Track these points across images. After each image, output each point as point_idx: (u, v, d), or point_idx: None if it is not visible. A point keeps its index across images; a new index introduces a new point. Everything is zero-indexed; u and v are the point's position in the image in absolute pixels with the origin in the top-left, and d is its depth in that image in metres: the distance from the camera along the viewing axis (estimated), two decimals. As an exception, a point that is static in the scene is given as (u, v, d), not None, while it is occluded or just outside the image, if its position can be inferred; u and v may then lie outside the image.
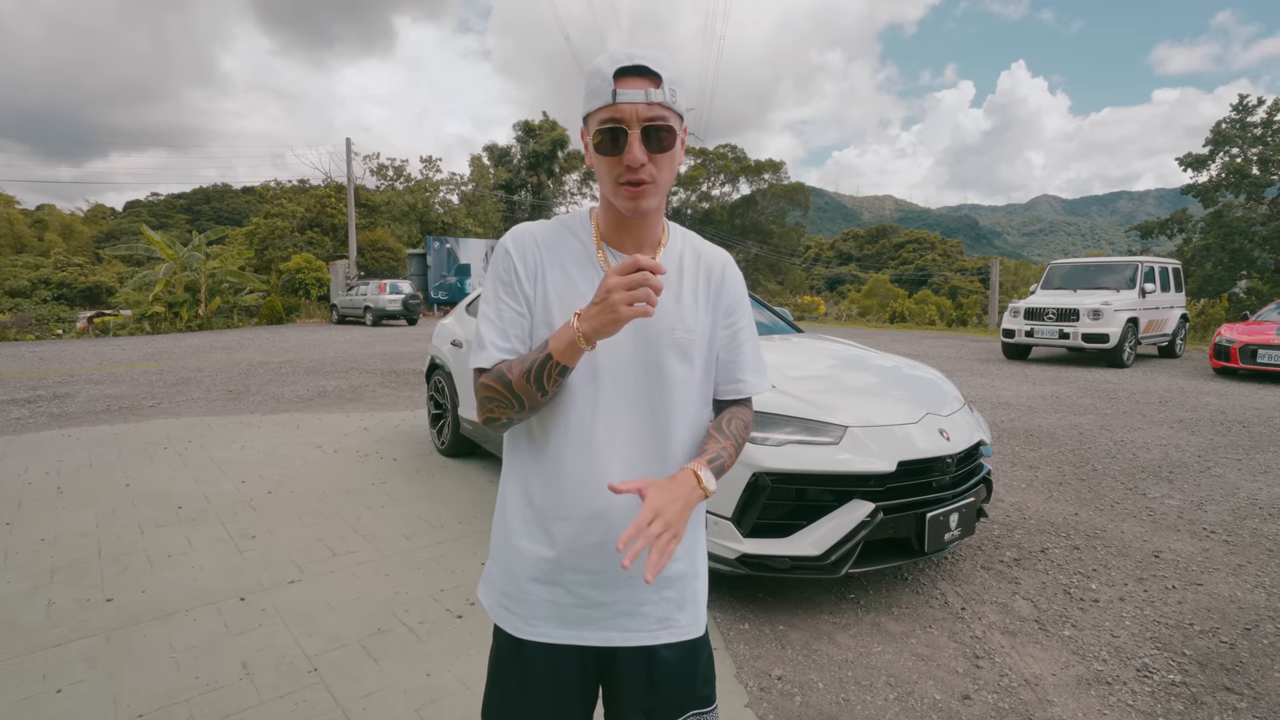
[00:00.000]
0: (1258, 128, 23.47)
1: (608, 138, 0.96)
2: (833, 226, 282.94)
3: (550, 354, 0.95)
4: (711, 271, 1.14)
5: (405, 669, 2.28)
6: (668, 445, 1.07)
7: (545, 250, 1.07)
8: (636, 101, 0.94)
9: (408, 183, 36.18)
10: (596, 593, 1.05)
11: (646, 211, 1.01)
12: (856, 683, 2.26)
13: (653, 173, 0.98)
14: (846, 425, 2.74)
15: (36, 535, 3.43)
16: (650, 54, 0.96)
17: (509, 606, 1.09)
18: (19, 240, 45.74)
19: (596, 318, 0.90)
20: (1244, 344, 9.43)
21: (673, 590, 1.10)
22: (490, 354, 1.04)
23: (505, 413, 1.02)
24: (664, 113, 0.96)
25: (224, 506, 3.89)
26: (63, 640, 2.43)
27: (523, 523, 1.08)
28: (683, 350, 1.07)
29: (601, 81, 0.96)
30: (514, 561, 1.08)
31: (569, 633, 1.06)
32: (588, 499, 1.04)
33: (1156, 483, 4.54)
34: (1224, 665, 2.38)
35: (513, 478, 1.11)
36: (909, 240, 72.03)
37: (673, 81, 0.97)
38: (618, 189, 0.99)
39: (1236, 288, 24.01)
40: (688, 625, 1.11)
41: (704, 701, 1.14)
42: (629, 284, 0.88)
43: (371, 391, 8.11)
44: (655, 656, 1.09)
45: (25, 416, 6.53)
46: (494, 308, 1.06)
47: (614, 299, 0.88)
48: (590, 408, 1.04)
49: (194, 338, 16.56)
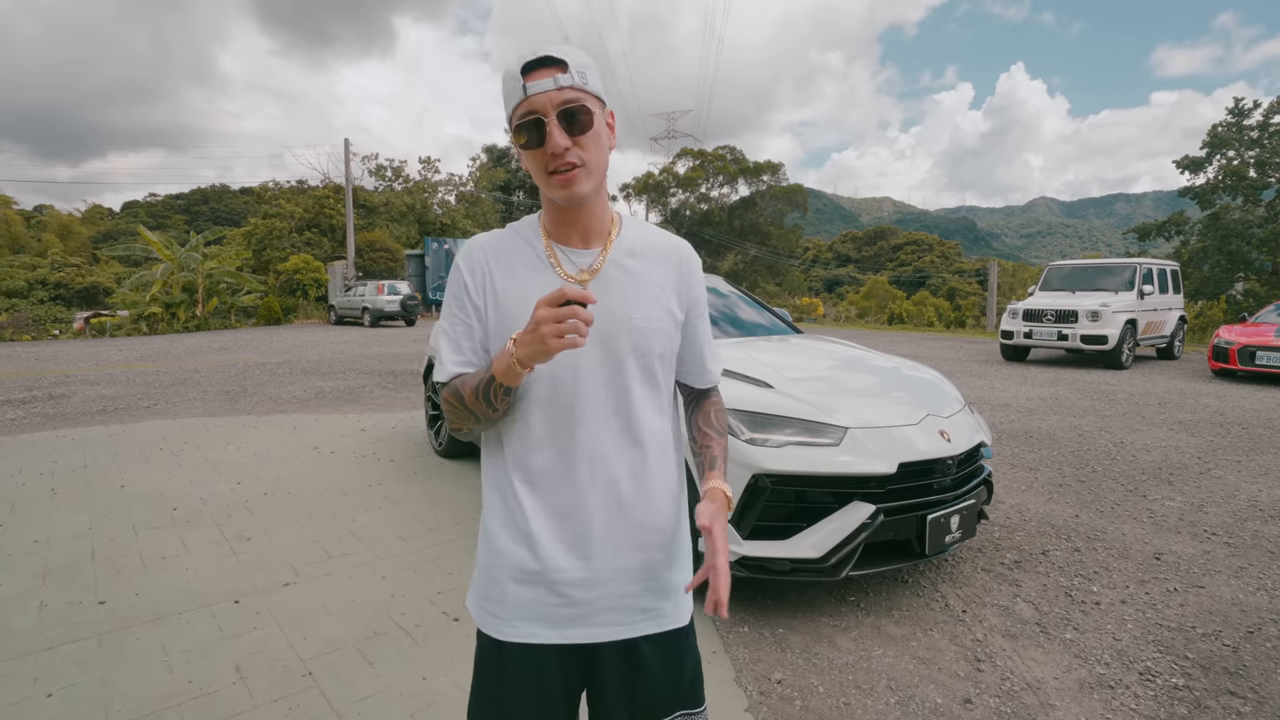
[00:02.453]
0: (1254, 130, 23.53)
1: (528, 131, 0.98)
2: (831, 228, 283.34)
3: (493, 375, 0.97)
4: (669, 259, 1.13)
5: (401, 673, 2.25)
6: (637, 437, 1.07)
7: (493, 259, 1.09)
8: (547, 90, 0.96)
9: (406, 184, 36.14)
10: (577, 590, 1.05)
11: (582, 197, 1.01)
12: (857, 686, 2.24)
13: (580, 155, 0.99)
14: (847, 426, 2.72)
15: (30, 537, 3.40)
16: (554, 46, 0.99)
17: (490, 610, 1.09)
18: (16, 241, 45.64)
19: (529, 345, 0.91)
20: (1242, 346, 9.44)
21: (655, 580, 1.09)
22: (446, 368, 1.07)
23: (465, 423, 1.05)
24: (577, 94, 0.98)
25: (219, 508, 3.86)
26: (54, 643, 2.40)
27: (500, 525, 1.08)
28: (641, 338, 1.07)
29: (513, 81, 0.98)
30: (494, 564, 1.08)
31: (553, 632, 1.06)
32: (559, 497, 1.04)
33: (1157, 485, 4.53)
34: (1227, 668, 2.36)
35: (489, 481, 1.12)
36: (907, 242, 72.15)
37: (581, 66, 0.99)
38: (549, 179, 1.00)
39: (1234, 290, 24.05)
40: (672, 614, 1.11)
41: (692, 701, 1.13)
42: (557, 316, 0.88)
43: (369, 392, 8.09)
44: (637, 653, 1.08)
45: (20, 417, 6.49)
46: (448, 322, 1.10)
47: (543, 330, 0.89)
48: (552, 407, 1.04)
49: (191, 338, 16.51)
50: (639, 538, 1.07)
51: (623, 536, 1.06)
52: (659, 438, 1.10)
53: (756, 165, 47.95)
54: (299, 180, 34.02)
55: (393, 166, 36.25)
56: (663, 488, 1.10)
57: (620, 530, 1.06)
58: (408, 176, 36.41)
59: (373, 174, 35.85)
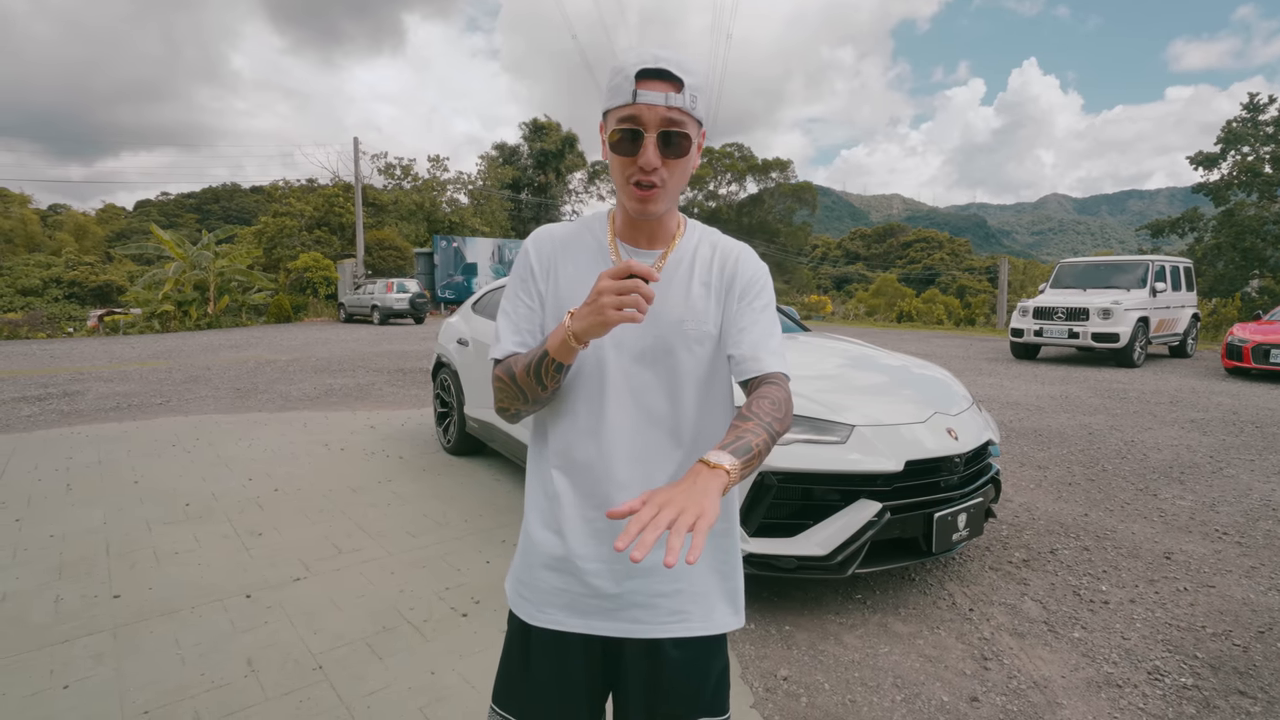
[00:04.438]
0: (1270, 126, 23.24)
1: (624, 137, 0.97)
2: (840, 225, 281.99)
3: (546, 351, 0.97)
4: (725, 263, 1.12)
5: (410, 667, 2.27)
6: (681, 439, 1.07)
7: (561, 247, 1.11)
8: (656, 104, 0.95)
9: (415, 182, 36.27)
10: (607, 583, 1.05)
11: (655, 215, 1.03)
12: (863, 684, 2.25)
13: (664, 176, 0.98)
14: (854, 424, 2.72)
15: (45, 532, 3.45)
16: (675, 58, 0.95)
17: (522, 593, 1.11)
18: (32, 240, 46.15)
19: (586, 318, 0.91)
20: (1257, 344, 9.33)
21: (688, 583, 1.07)
22: (504, 346, 1.08)
23: (514, 404, 1.05)
24: (682, 118, 0.96)
25: (231, 504, 3.91)
26: (70, 636, 2.44)
27: (538, 513, 1.11)
28: (693, 342, 1.07)
29: (623, 80, 0.96)
30: (530, 549, 1.11)
31: (580, 621, 1.06)
32: (597, 488, 1.05)
33: (1168, 483, 4.50)
34: (1237, 669, 2.34)
35: (533, 469, 1.14)
36: (917, 239, 71.73)
37: (694, 88, 0.96)
38: (627, 188, 1.01)
39: (1249, 287, 23.78)
40: (701, 621, 1.08)
41: (715, 709, 1.11)
42: (619, 289, 0.88)
43: (378, 390, 8.14)
44: (662, 654, 1.07)
45: (36, 414, 6.58)
46: (511, 303, 1.11)
47: (603, 301, 0.89)
48: (598, 400, 1.05)
49: (203, 336, 16.65)
50: None
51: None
52: (710, 440, 1.08)
53: (765, 162, 47.80)
54: (309, 179, 34.26)
55: (402, 165, 36.39)
56: None
57: None
58: (416, 175, 36.55)
59: (382, 173, 36.01)
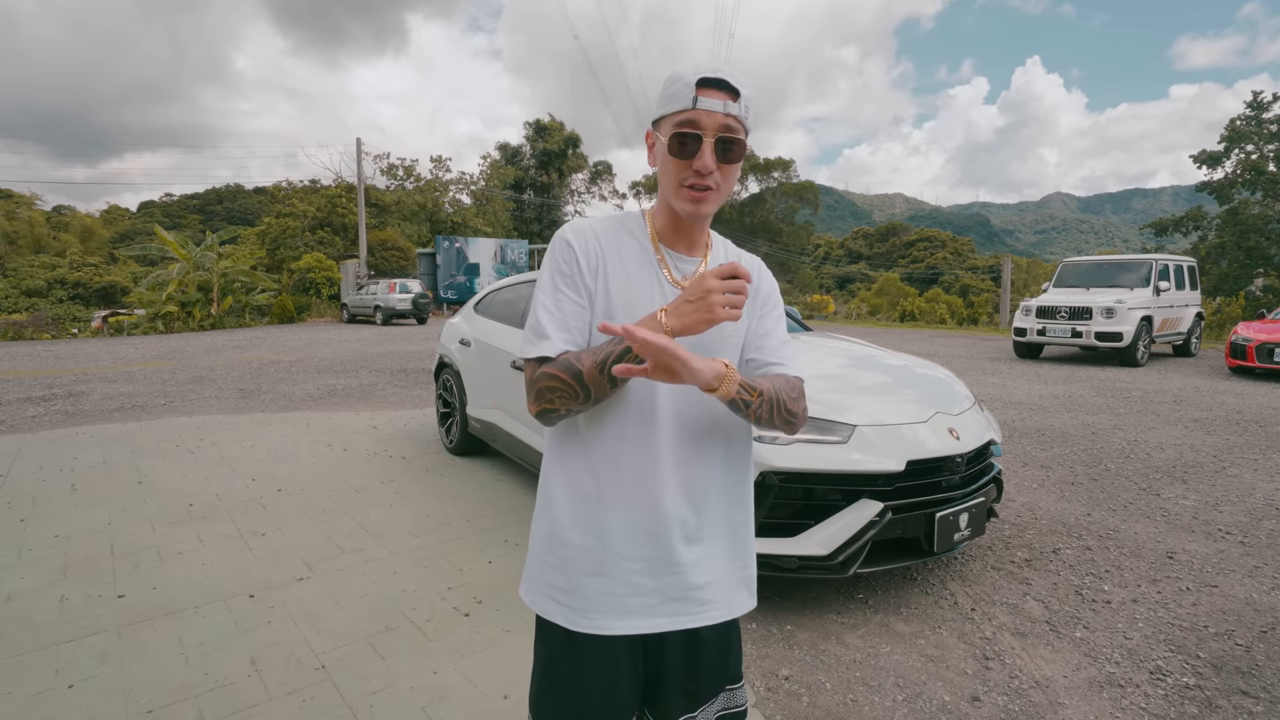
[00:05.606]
0: (1273, 124, 23.15)
1: (683, 141, 1.02)
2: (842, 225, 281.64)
3: (629, 347, 0.95)
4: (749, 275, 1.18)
5: (412, 667, 2.28)
6: (713, 439, 1.11)
7: (607, 246, 1.10)
8: (714, 110, 1.00)
9: (417, 182, 36.31)
10: (646, 580, 1.08)
11: (705, 216, 1.07)
12: (864, 683, 2.25)
13: (717, 180, 1.04)
14: (855, 424, 2.72)
15: (50, 532, 3.47)
16: (731, 70, 1.02)
17: (561, 600, 1.10)
18: (38, 241, 46.29)
19: (690, 315, 0.95)
20: (1261, 342, 9.30)
21: (716, 573, 1.13)
22: (555, 344, 1.04)
23: (567, 404, 1.02)
24: (738, 126, 1.03)
25: (234, 504, 3.92)
26: (75, 636, 2.45)
27: (572, 518, 1.09)
28: (729, 346, 1.13)
29: (683, 87, 1.01)
30: (565, 556, 1.10)
31: (623, 622, 1.08)
32: (644, 489, 1.07)
33: (1171, 483, 4.49)
34: (1239, 668, 2.34)
35: (560, 475, 1.12)
36: (919, 239, 71.57)
37: (749, 99, 1.04)
38: (680, 191, 1.05)
39: (1253, 286, 23.70)
40: (725, 607, 1.14)
41: (734, 678, 1.20)
42: (728, 288, 0.93)
43: (381, 390, 8.15)
44: (698, 638, 1.14)
45: (41, 414, 6.61)
46: (553, 299, 1.07)
47: (713, 299, 0.93)
48: (650, 404, 1.07)
49: (206, 337, 16.70)
50: (707, 534, 1.12)
51: (693, 533, 1.10)
52: (736, 440, 1.15)
53: (767, 162, 47.74)
54: (312, 180, 34.34)
55: (404, 165, 36.45)
56: (732, 489, 1.15)
57: (692, 527, 1.10)
58: (419, 175, 36.60)
59: (384, 173, 36.07)
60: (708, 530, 1.12)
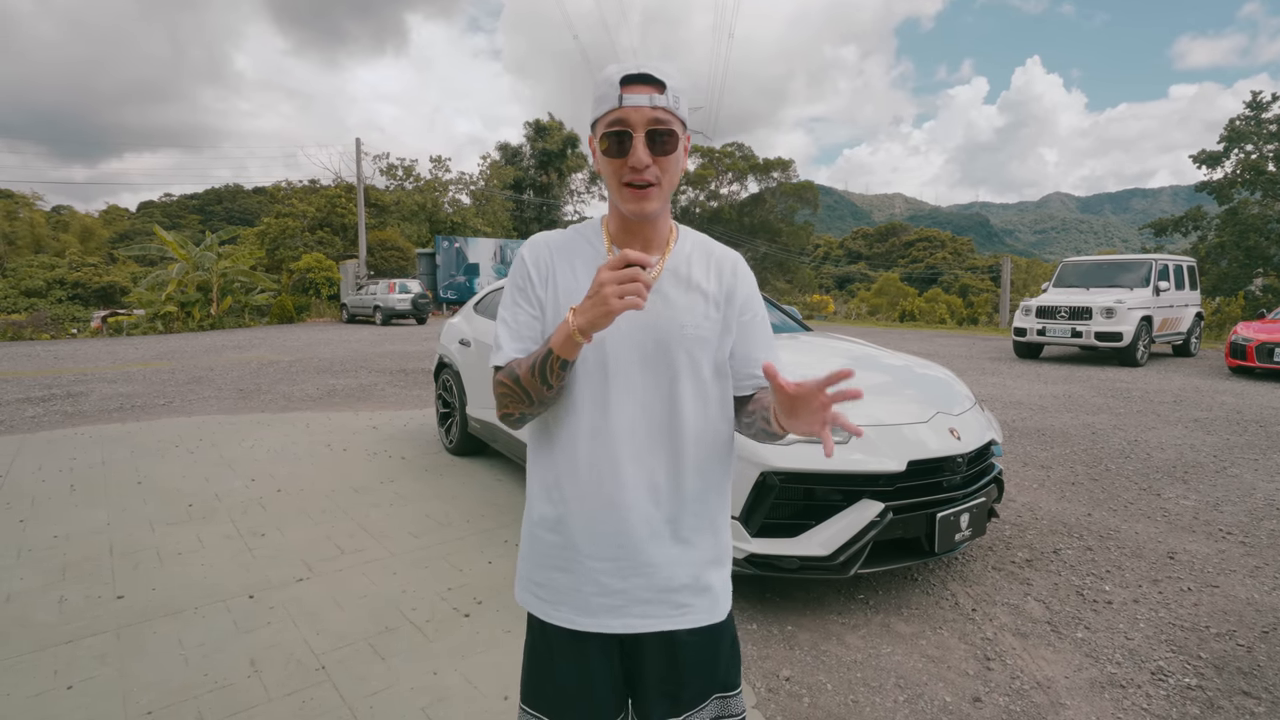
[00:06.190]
0: (1273, 124, 23.16)
1: (614, 140, 1.02)
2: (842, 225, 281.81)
3: (551, 349, 1.00)
4: (723, 270, 1.17)
5: (412, 667, 2.28)
6: (679, 440, 1.10)
7: (557, 255, 1.14)
8: (641, 105, 1.00)
9: (417, 182, 36.30)
10: (614, 580, 1.09)
11: (650, 213, 1.05)
12: (865, 684, 2.24)
13: (657, 174, 1.03)
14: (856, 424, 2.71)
15: (50, 532, 3.46)
16: (655, 64, 1.03)
17: (536, 593, 1.15)
18: (38, 241, 46.25)
19: (589, 310, 0.94)
20: (1260, 342, 9.30)
21: (691, 577, 1.12)
22: (505, 353, 1.11)
23: (518, 407, 1.07)
24: (667, 117, 1.02)
25: (234, 504, 3.91)
26: (74, 637, 2.44)
27: (541, 515, 1.14)
28: (693, 346, 1.11)
29: (609, 88, 1.02)
30: (539, 551, 1.14)
31: (591, 620, 1.10)
32: (602, 489, 1.08)
33: (1171, 483, 4.48)
34: (1241, 669, 2.34)
35: (534, 474, 1.17)
36: (919, 239, 71.61)
37: (676, 90, 1.03)
38: (622, 190, 1.04)
39: (1252, 285, 23.72)
40: (707, 610, 1.14)
41: (728, 686, 1.18)
42: (620, 278, 0.91)
43: (380, 390, 8.15)
44: (676, 640, 1.13)
45: (40, 415, 6.60)
46: (510, 311, 1.14)
47: (606, 292, 0.92)
48: (602, 403, 1.08)
49: (206, 337, 16.69)
50: (677, 536, 1.11)
51: (662, 533, 1.10)
52: (707, 442, 1.13)
53: (766, 162, 47.75)
54: (311, 180, 34.35)
55: (404, 165, 36.43)
56: (705, 490, 1.14)
57: (660, 527, 1.10)
58: (419, 175, 36.59)
59: (384, 173, 36.06)
60: (685, 532, 1.12)
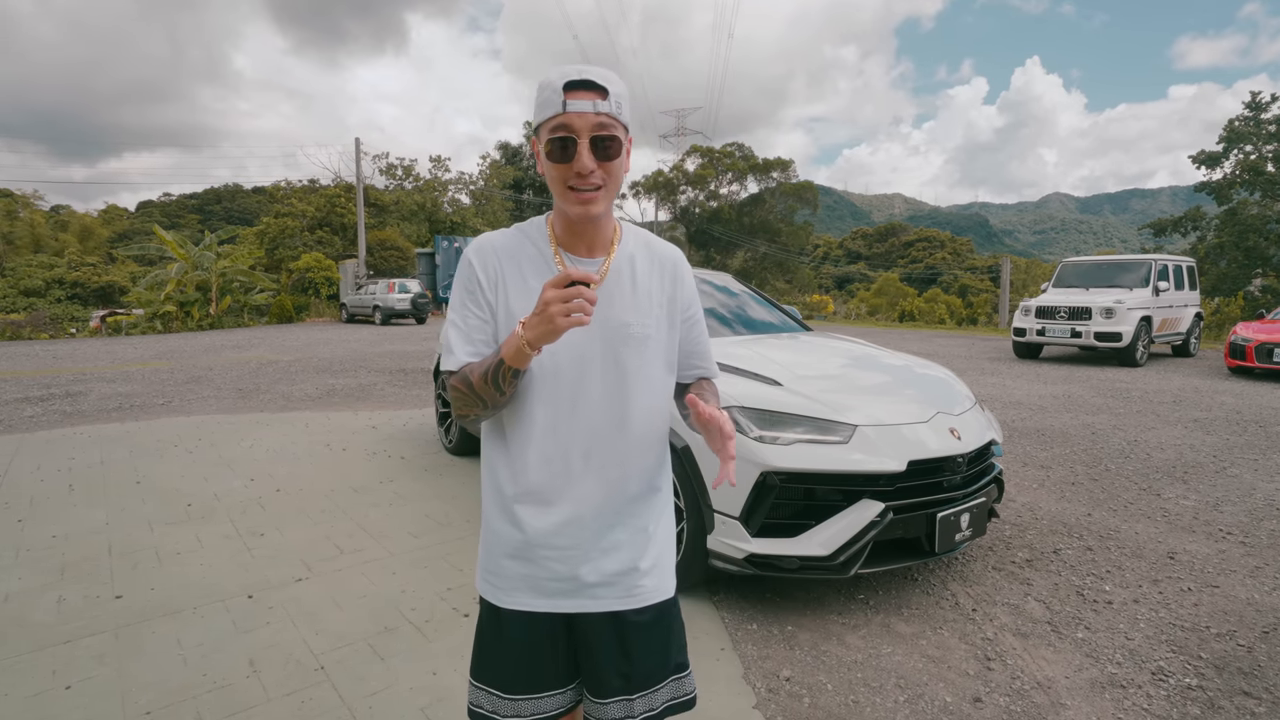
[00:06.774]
0: (1272, 124, 23.18)
1: (558, 146, 1.03)
2: (842, 225, 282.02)
3: (502, 359, 1.02)
4: (664, 268, 1.21)
5: (411, 667, 2.27)
6: (628, 434, 1.15)
7: (504, 259, 1.15)
8: (585, 111, 1.02)
9: (417, 182, 36.29)
10: (565, 568, 1.14)
11: (596, 216, 1.08)
12: (866, 684, 2.24)
13: (601, 178, 1.05)
14: (856, 424, 2.71)
15: (48, 532, 3.46)
16: (597, 70, 1.05)
17: (490, 580, 1.19)
18: (38, 241, 46.20)
19: (537, 327, 0.96)
20: (1260, 343, 9.31)
21: (639, 558, 1.17)
22: (457, 358, 1.13)
23: (472, 410, 1.10)
24: (610, 123, 1.04)
25: (233, 504, 3.91)
26: (73, 637, 2.44)
27: (496, 508, 1.17)
28: (638, 343, 1.15)
29: (552, 93, 1.03)
30: (492, 541, 1.18)
31: (545, 602, 1.15)
32: (553, 482, 1.12)
33: (1171, 483, 4.48)
34: (1241, 669, 2.33)
35: (486, 467, 1.20)
36: (918, 239, 71.64)
37: (619, 95, 1.05)
38: (567, 194, 1.06)
39: (1252, 286, 23.74)
40: (655, 588, 1.19)
41: (680, 667, 1.23)
42: (564, 296, 0.94)
43: (380, 390, 8.14)
44: (625, 622, 1.16)
45: (38, 414, 6.59)
46: (460, 315, 1.15)
47: (551, 311, 0.94)
48: (553, 401, 1.11)
49: (205, 337, 16.68)
50: (625, 520, 1.16)
51: (610, 519, 1.15)
52: (652, 433, 1.19)
53: (766, 162, 47.71)
54: (311, 180, 34.36)
55: (403, 165, 36.42)
56: (650, 476, 1.19)
57: (608, 514, 1.15)
58: (418, 175, 36.57)
59: (383, 173, 36.05)
60: (635, 520, 1.17)
